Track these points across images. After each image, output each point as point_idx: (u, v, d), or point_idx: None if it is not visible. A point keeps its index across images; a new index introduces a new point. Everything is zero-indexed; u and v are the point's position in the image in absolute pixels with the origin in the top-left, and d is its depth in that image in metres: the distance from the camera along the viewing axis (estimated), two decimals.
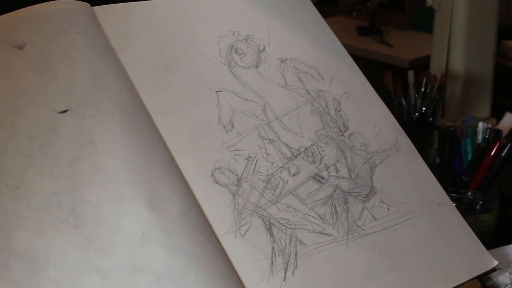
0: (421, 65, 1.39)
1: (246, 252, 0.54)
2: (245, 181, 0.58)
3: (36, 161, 0.50)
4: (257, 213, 0.56)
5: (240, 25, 0.69)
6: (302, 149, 0.62)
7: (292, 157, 0.62)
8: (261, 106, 0.64)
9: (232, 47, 0.67)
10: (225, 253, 0.53)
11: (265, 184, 0.58)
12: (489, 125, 0.90)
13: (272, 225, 0.56)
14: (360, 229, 0.60)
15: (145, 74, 0.60)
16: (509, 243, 0.76)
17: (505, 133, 1.07)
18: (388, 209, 0.62)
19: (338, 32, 0.76)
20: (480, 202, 0.80)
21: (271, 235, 0.56)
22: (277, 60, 0.68)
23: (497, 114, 1.21)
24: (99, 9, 0.63)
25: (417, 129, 0.92)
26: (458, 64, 1.17)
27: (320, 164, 0.62)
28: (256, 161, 0.59)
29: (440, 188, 0.67)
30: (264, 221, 0.56)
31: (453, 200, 0.68)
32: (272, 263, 0.54)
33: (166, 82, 0.61)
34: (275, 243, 0.55)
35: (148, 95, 0.59)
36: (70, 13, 0.59)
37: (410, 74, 0.97)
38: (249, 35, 0.68)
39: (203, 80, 0.63)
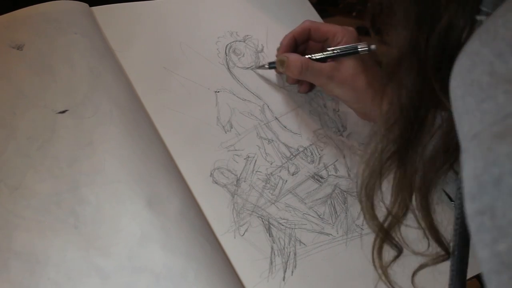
0: None
1: (246, 252, 0.54)
2: (244, 181, 0.58)
3: (35, 162, 0.50)
4: (256, 213, 0.56)
5: (239, 25, 0.69)
6: (301, 149, 0.63)
7: (291, 156, 0.62)
8: (260, 106, 0.64)
9: (230, 48, 0.67)
10: (224, 253, 0.53)
11: (264, 184, 0.58)
12: None
13: (271, 225, 0.56)
14: (359, 228, 0.60)
15: (144, 74, 0.60)
16: None
17: None
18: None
19: None
20: None
21: (270, 235, 0.56)
22: None
23: None
24: (97, 10, 0.63)
25: None
26: None
27: (319, 163, 0.62)
28: (255, 160, 0.60)
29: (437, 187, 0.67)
30: (263, 221, 0.56)
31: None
32: (271, 263, 0.54)
33: (164, 82, 0.61)
34: (274, 243, 0.55)
35: (147, 95, 0.59)
36: (69, 14, 0.59)
37: None
38: (248, 36, 0.68)
39: (202, 80, 0.63)
